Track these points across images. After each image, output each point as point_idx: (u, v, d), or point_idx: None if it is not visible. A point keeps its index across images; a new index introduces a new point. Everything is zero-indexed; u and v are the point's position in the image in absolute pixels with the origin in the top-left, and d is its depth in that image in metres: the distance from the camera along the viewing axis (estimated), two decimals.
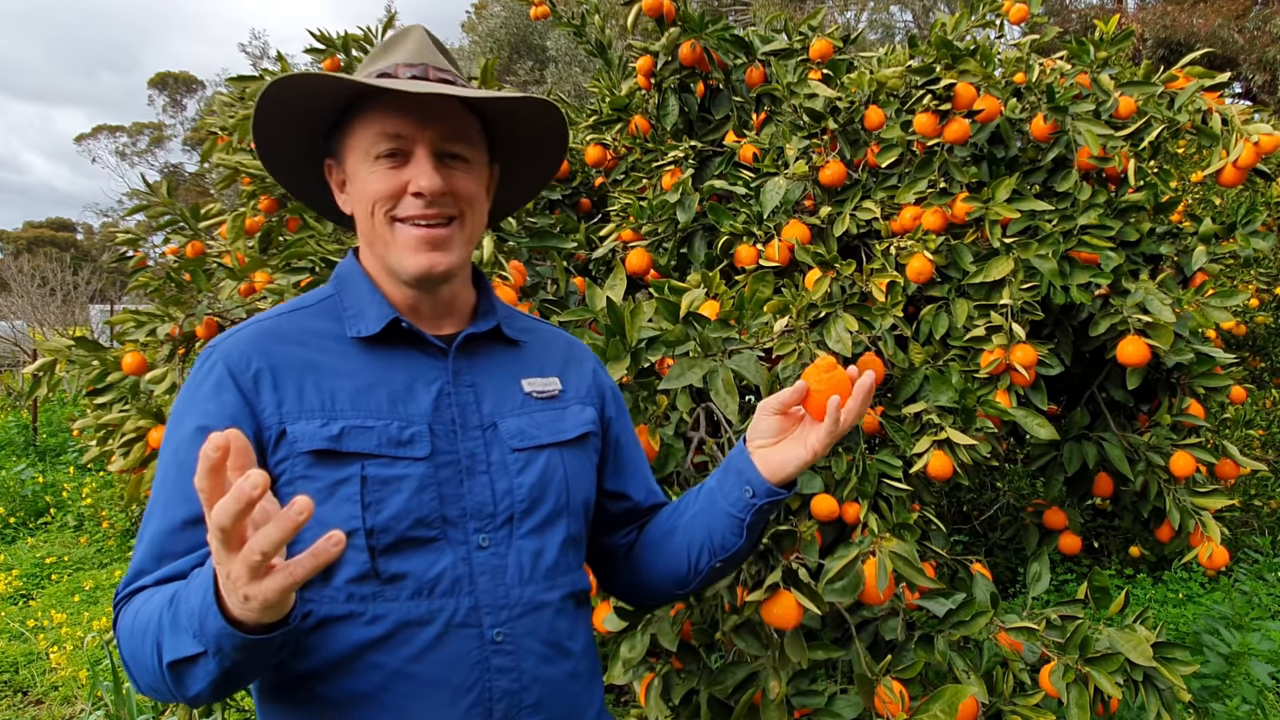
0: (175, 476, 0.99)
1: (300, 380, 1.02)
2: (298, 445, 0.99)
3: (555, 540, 1.10)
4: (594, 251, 2.76)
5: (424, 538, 1.01)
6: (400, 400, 1.05)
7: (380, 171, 1.04)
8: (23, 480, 7.18)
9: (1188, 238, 2.57)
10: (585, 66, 16.63)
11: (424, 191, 1.02)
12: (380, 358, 1.07)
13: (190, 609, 0.81)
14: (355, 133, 1.07)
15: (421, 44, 1.11)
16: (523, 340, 1.19)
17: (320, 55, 3.00)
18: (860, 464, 1.95)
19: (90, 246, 35.46)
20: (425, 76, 1.07)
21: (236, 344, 1.04)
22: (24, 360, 12.92)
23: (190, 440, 0.99)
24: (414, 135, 1.04)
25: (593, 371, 1.25)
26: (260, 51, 26.30)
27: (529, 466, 1.09)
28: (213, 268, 2.61)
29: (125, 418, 2.23)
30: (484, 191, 1.13)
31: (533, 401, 1.14)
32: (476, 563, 1.03)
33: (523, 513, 1.07)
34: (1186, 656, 1.89)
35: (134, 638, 0.90)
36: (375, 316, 1.08)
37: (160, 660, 0.85)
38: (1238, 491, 4.84)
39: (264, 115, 1.10)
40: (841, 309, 2.06)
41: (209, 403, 1.00)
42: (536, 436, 1.11)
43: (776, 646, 1.69)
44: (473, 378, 1.10)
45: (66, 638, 4.48)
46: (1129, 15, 15.93)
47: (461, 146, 1.07)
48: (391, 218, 1.05)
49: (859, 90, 2.48)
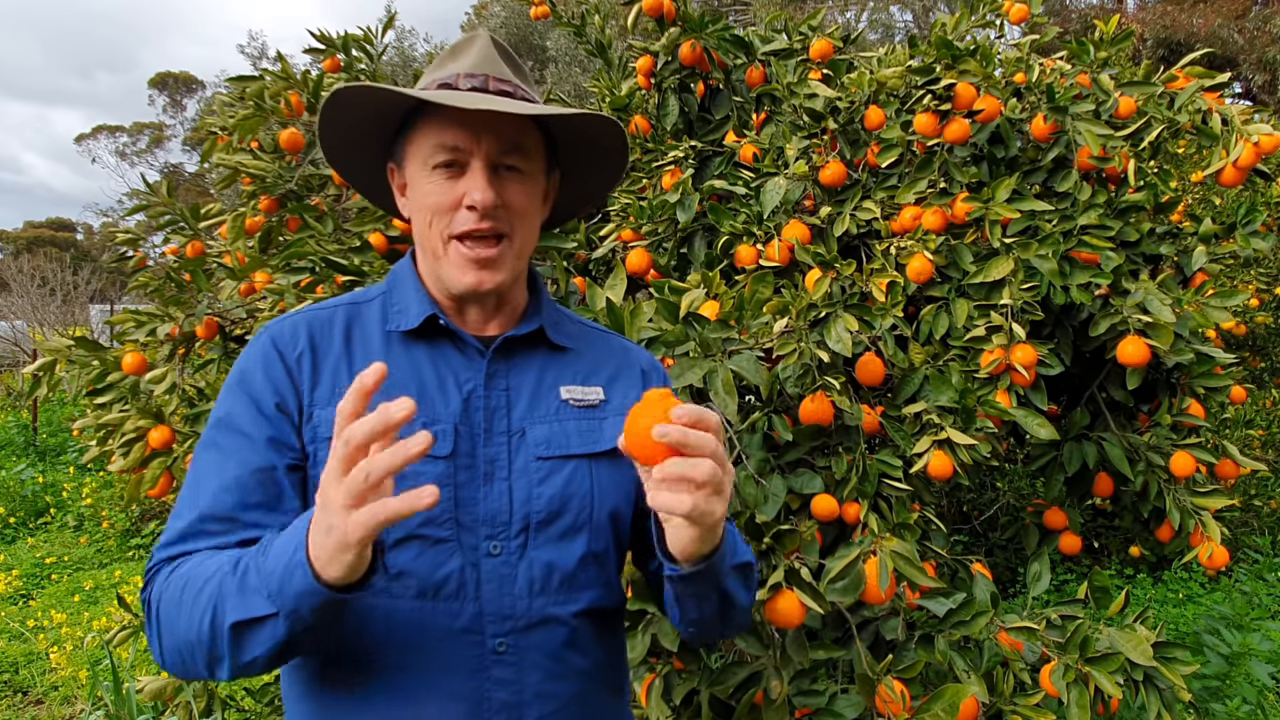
0: (218, 457, 1.00)
1: (336, 369, 1.05)
2: (320, 430, 1.02)
3: (573, 554, 1.07)
4: (594, 251, 2.76)
5: (433, 537, 1.01)
6: (430, 398, 1.05)
7: (437, 182, 1.05)
8: (23, 480, 7.18)
9: (1188, 238, 2.57)
10: (585, 66, 16.63)
11: (477, 205, 1.03)
12: (417, 353, 1.08)
13: (267, 570, 0.83)
14: (415, 141, 1.08)
15: (484, 52, 1.11)
16: (570, 346, 1.17)
17: (320, 55, 3.00)
18: (860, 464, 1.95)
19: (90, 246, 35.46)
20: (485, 88, 1.07)
21: (287, 325, 1.08)
22: (24, 360, 12.92)
23: (239, 408, 1.02)
24: (470, 147, 1.04)
25: (643, 384, 1.20)
26: (259, 52, 26.29)
27: (552, 476, 1.07)
28: (213, 268, 2.61)
29: (125, 418, 2.23)
30: (538, 203, 1.12)
31: (568, 409, 1.11)
32: (484, 569, 1.02)
33: (540, 523, 1.05)
34: (1187, 656, 1.89)
35: (180, 601, 0.90)
36: (417, 313, 1.09)
37: (215, 623, 0.86)
38: (1238, 491, 4.84)
39: (327, 127, 1.12)
40: (841, 309, 2.06)
41: (256, 374, 1.04)
42: (565, 446, 1.09)
43: (778, 646, 1.69)
44: (507, 381, 1.10)
45: (66, 638, 4.48)
46: (1129, 15, 15.94)
47: (517, 158, 1.07)
48: (447, 235, 1.06)
49: (859, 90, 2.48)
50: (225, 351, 2.50)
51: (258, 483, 0.98)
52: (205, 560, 0.92)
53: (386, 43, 3.11)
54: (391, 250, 2.52)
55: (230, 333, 2.53)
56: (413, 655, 0.99)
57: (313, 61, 3.06)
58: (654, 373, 1.24)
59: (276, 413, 1.02)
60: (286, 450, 1.01)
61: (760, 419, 1.97)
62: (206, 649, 0.88)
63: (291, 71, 2.79)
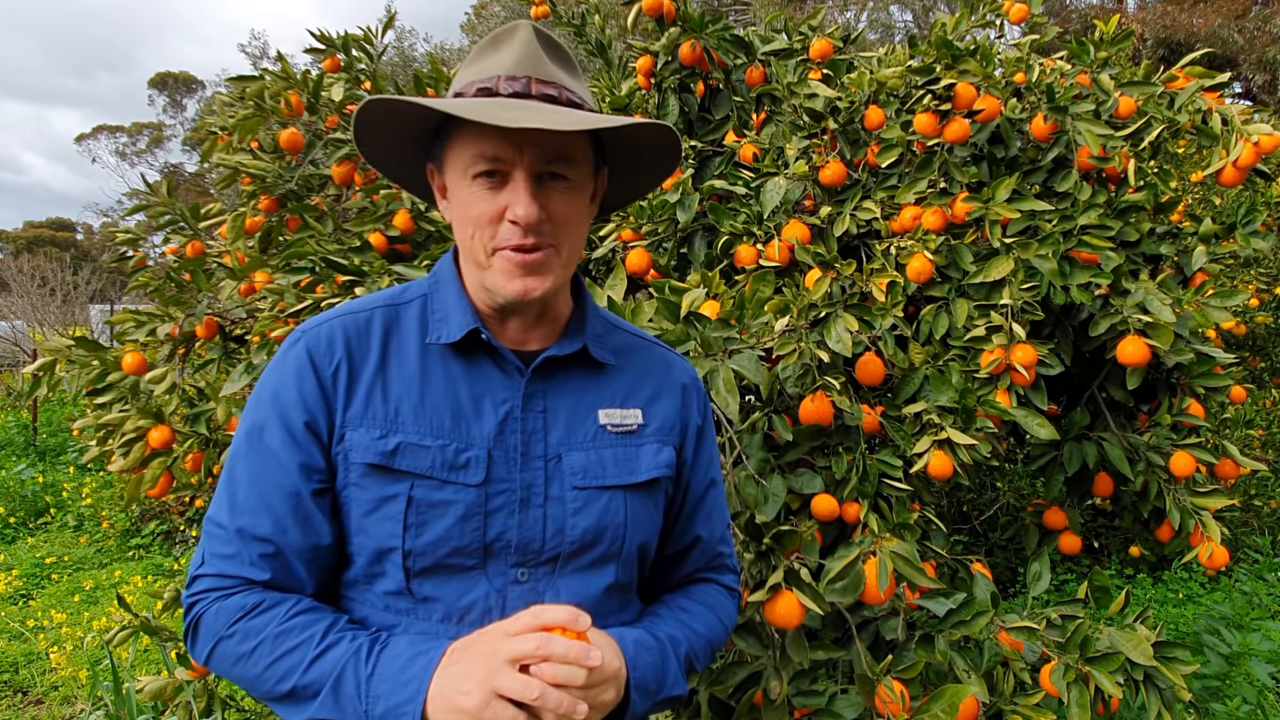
0: (250, 473, 1.01)
1: (370, 388, 1.02)
2: (353, 454, 1.00)
3: (600, 584, 1.06)
4: (594, 251, 2.76)
5: (461, 566, 1.00)
6: (465, 419, 1.02)
7: (478, 192, 0.99)
8: (23, 480, 7.18)
9: (1188, 238, 2.57)
10: (585, 66, 16.62)
11: (519, 220, 0.98)
12: (455, 368, 1.05)
13: (366, 692, 0.91)
14: (454, 148, 1.02)
15: (526, 49, 1.02)
16: (612, 363, 1.13)
17: (320, 55, 3.00)
18: (860, 464, 1.95)
19: (90, 246, 35.46)
20: (528, 92, 1.00)
21: (324, 334, 1.04)
22: (24, 360, 12.93)
23: (273, 425, 1.02)
24: (512, 158, 0.98)
25: (682, 403, 1.17)
26: (260, 51, 26.29)
27: (588, 506, 1.05)
28: (213, 268, 2.61)
29: (125, 418, 2.23)
30: (585, 208, 1.07)
31: (606, 435, 1.08)
32: (510, 596, 1.01)
33: (571, 553, 1.04)
34: (1187, 656, 1.89)
35: (251, 656, 0.95)
36: (458, 324, 1.05)
37: (290, 693, 0.93)
38: (1238, 491, 4.84)
39: (363, 135, 1.07)
40: (841, 309, 2.06)
41: (289, 391, 1.01)
42: (602, 476, 1.06)
43: (777, 646, 1.69)
44: (545, 403, 1.06)
45: (66, 638, 4.48)
46: (1129, 15, 15.94)
47: (562, 166, 1.00)
48: (491, 248, 1.01)
49: (859, 90, 2.48)
50: (225, 351, 2.50)
51: (290, 508, 0.99)
52: (282, 620, 0.96)
53: (386, 43, 3.11)
54: (391, 250, 2.52)
55: (230, 333, 2.53)
56: None
57: (313, 61, 3.06)
58: (694, 390, 1.20)
59: (306, 432, 1.00)
60: (314, 474, 1.00)
61: (760, 419, 1.97)
62: (261, 694, 0.95)
63: (292, 71, 2.79)
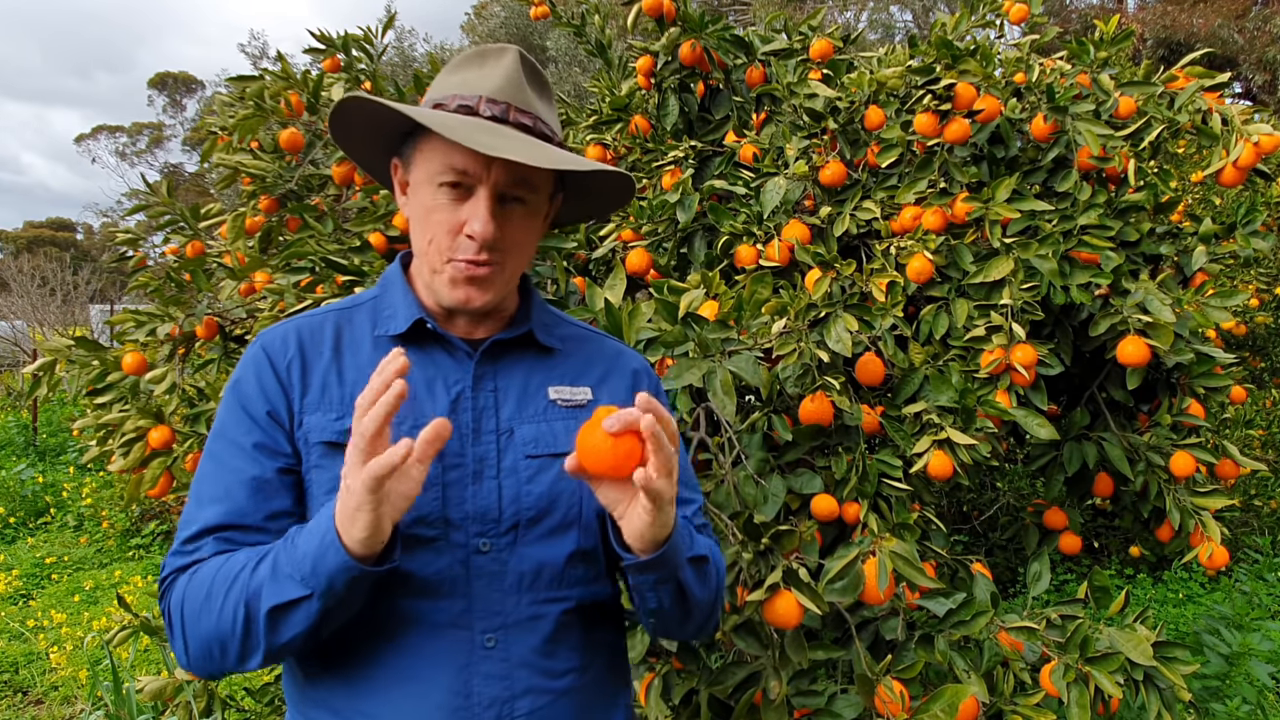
0: (214, 468, 1.06)
1: (325, 376, 1.08)
2: (311, 435, 1.05)
3: (562, 551, 1.09)
4: (594, 251, 2.76)
5: (424, 537, 1.02)
6: (418, 400, 1.07)
7: (442, 201, 1.05)
8: (23, 480, 7.18)
9: (1188, 238, 2.57)
10: (585, 66, 16.63)
11: (476, 236, 1.03)
12: (408, 356, 1.07)
13: (298, 557, 0.91)
14: (425, 151, 1.07)
15: (510, 76, 1.08)
16: (559, 348, 1.18)
17: (320, 55, 3.00)
18: (860, 464, 1.95)
19: (90, 246, 35.46)
20: (505, 117, 1.06)
21: (278, 334, 1.11)
22: (24, 360, 12.93)
23: (232, 417, 1.07)
24: (479, 175, 1.04)
25: (632, 384, 1.21)
26: (260, 52, 26.30)
27: (540, 474, 1.09)
28: (213, 268, 2.61)
29: (125, 418, 2.23)
30: (537, 231, 1.13)
31: (556, 409, 1.13)
32: (474, 566, 1.04)
33: (529, 520, 1.07)
34: (1187, 656, 1.89)
35: (206, 600, 0.96)
36: (404, 317, 1.11)
37: (249, 613, 0.93)
38: (1238, 491, 4.84)
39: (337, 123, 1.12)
40: (841, 309, 2.06)
41: (249, 385, 1.08)
42: (553, 444, 1.10)
43: (777, 646, 1.69)
44: (495, 383, 1.11)
45: (66, 638, 4.48)
46: (1129, 15, 15.94)
47: (524, 190, 1.07)
48: (446, 258, 1.07)
49: (859, 90, 2.48)
50: (225, 351, 2.50)
51: (254, 490, 1.03)
52: (224, 561, 0.98)
53: (386, 43, 3.11)
54: (391, 250, 2.52)
55: (230, 333, 2.53)
56: (404, 650, 1.02)
57: (312, 61, 3.06)
58: (645, 375, 1.24)
59: (268, 420, 1.05)
60: (279, 456, 1.05)
61: (760, 419, 1.97)
62: (240, 640, 0.94)
63: (291, 71, 2.79)
